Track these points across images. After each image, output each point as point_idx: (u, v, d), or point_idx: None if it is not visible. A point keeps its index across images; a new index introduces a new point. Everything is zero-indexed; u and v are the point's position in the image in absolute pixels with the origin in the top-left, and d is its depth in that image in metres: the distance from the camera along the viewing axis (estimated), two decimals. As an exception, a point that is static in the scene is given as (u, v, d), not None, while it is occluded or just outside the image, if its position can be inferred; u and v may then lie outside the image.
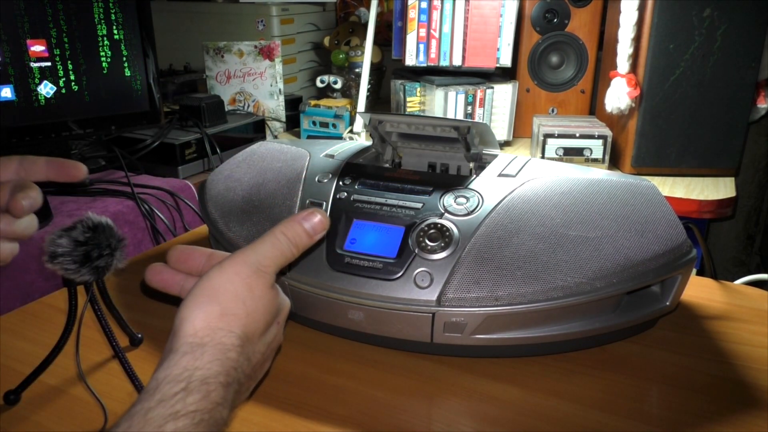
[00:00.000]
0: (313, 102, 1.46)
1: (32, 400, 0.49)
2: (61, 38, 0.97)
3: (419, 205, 0.55)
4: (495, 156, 0.63)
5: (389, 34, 1.50)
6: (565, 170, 0.60)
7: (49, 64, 0.96)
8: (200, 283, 0.38)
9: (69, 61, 0.98)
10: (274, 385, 0.51)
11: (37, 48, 0.95)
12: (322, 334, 0.58)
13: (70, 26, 0.97)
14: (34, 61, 0.95)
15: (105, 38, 1.01)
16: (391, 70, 1.63)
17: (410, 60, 1.33)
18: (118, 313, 0.53)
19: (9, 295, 0.84)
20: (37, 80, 0.96)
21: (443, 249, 0.52)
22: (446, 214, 0.54)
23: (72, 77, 0.99)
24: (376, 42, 1.39)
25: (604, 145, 1.20)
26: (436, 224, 0.53)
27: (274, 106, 1.53)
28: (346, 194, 0.58)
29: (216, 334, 0.36)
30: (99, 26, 1.00)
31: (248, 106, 1.53)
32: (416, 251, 0.52)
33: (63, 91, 0.98)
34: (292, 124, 1.56)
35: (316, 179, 0.60)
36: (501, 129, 1.37)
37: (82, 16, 0.98)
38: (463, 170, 0.67)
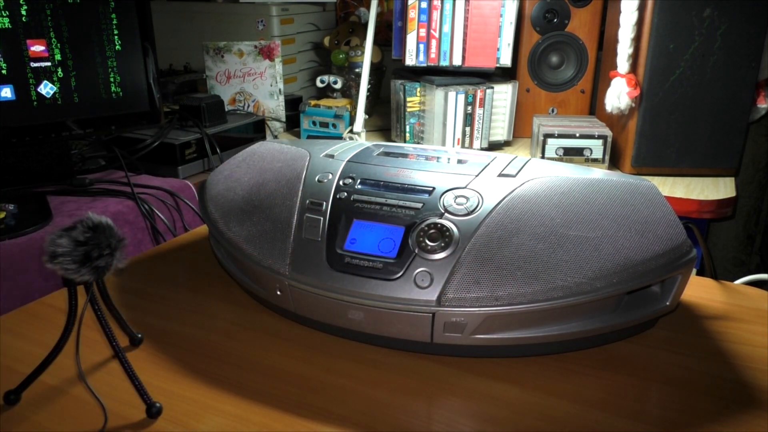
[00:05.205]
0: (313, 102, 1.46)
1: (32, 400, 0.49)
2: (61, 38, 0.97)
3: (419, 205, 0.55)
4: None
5: (389, 34, 1.50)
6: (565, 170, 0.60)
7: (49, 64, 0.96)
8: None
9: (69, 61, 0.98)
10: (274, 385, 0.51)
11: (37, 48, 0.95)
12: (322, 334, 0.58)
13: (71, 26, 0.97)
14: (34, 61, 0.95)
15: (105, 38, 1.01)
16: (391, 70, 1.63)
17: (410, 60, 1.33)
18: (118, 313, 0.53)
19: (9, 295, 0.84)
20: (37, 80, 0.96)
21: (443, 249, 0.52)
22: (446, 214, 0.54)
23: (72, 77, 0.99)
24: (376, 42, 1.39)
25: (604, 145, 1.20)
26: (436, 224, 0.53)
27: (274, 106, 1.53)
28: (346, 194, 0.58)
29: None
30: (99, 26, 1.00)
31: (248, 106, 1.53)
32: (416, 251, 0.52)
33: (63, 91, 0.98)
34: (292, 124, 1.56)
35: (316, 179, 0.60)
36: (501, 129, 1.37)
37: (83, 16, 0.98)
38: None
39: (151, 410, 0.47)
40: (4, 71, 0.92)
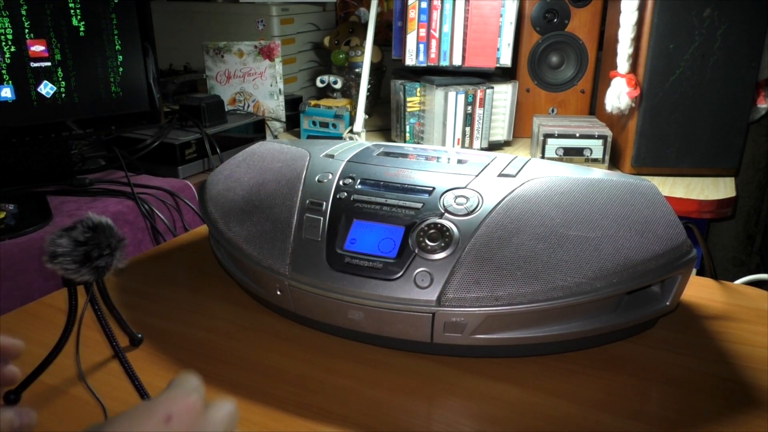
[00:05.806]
0: (313, 102, 1.46)
1: (32, 400, 0.49)
2: (61, 38, 0.97)
3: (419, 205, 0.55)
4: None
5: (389, 34, 1.50)
6: (565, 170, 0.60)
7: (48, 64, 0.96)
8: None
9: (69, 61, 0.98)
10: (274, 385, 0.51)
11: (37, 48, 0.95)
12: (322, 334, 0.58)
13: (70, 26, 0.97)
14: (34, 61, 0.95)
15: (105, 38, 1.01)
16: (391, 70, 1.63)
17: (410, 60, 1.33)
18: (118, 313, 0.53)
19: (9, 295, 0.84)
20: (37, 80, 0.96)
21: (443, 249, 0.51)
22: (446, 214, 0.54)
23: (72, 77, 0.99)
24: (376, 42, 1.39)
25: (604, 145, 1.20)
26: (436, 224, 0.53)
27: (274, 106, 1.53)
28: (346, 194, 0.58)
29: None
30: (99, 26, 1.00)
31: (248, 106, 1.52)
32: (416, 251, 0.52)
33: (63, 91, 0.98)
34: (292, 124, 1.56)
35: (316, 179, 0.60)
36: (501, 129, 1.37)
37: (83, 16, 0.98)
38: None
39: (151, 410, 0.46)
40: (4, 71, 0.92)
